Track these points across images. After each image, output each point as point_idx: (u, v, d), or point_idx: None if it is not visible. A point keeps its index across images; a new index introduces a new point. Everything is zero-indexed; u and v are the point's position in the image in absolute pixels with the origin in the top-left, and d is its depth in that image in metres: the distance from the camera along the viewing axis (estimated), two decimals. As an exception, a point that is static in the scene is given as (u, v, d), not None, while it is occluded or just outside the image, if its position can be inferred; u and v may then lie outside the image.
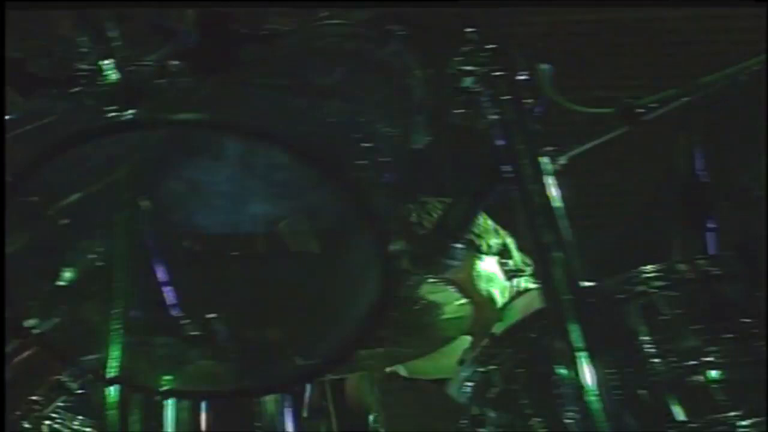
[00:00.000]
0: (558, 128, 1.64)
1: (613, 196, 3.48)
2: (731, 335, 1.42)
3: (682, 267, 1.50)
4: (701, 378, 1.38)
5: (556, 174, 1.57)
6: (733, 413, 1.35)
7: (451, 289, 1.80)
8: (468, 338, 2.26)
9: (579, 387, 1.19)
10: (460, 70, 1.44)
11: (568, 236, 1.29)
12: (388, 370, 2.50)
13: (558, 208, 1.31)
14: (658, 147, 1.69)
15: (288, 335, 1.10)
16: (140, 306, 1.12)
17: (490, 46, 1.44)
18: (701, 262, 1.50)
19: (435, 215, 2.17)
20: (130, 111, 1.13)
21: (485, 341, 1.61)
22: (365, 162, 1.28)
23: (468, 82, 1.44)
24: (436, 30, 1.59)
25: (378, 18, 1.63)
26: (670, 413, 1.40)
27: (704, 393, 1.38)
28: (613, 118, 1.57)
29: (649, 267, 1.48)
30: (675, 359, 1.41)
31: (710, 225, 1.62)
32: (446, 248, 1.71)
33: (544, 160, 1.37)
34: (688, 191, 1.61)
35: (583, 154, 1.63)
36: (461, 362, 1.70)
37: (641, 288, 1.46)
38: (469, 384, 1.64)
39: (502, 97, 1.41)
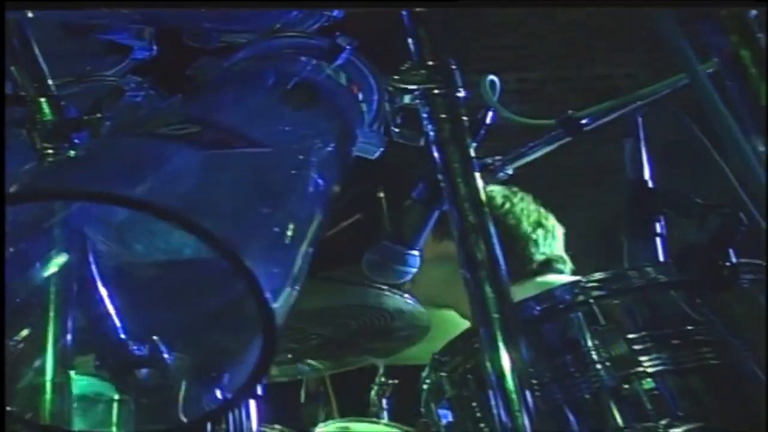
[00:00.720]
0: (504, 140, 1.67)
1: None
2: (675, 342, 1.46)
3: (626, 275, 1.55)
4: (638, 385, 1.42)
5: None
6: (666, 420, 1.38)
7: (407, 297, 1.84)
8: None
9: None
10: (399, 87, 1.47)
11: (498, 255, 1.32)
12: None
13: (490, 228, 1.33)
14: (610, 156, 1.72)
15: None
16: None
17: (430, 62, 1.47)
18: (648, 269, 1.54)
19: None
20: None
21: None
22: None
23: (407, 99, 1.47)
24: (381, 44, 1.62)
25: (328, 30, 1.66)
26: (612, 419, 1.44)
27: (643, 400, 1.42)
28: (556, 129, 1.61)
29: (592, 276, 1.52)
30: (613, 367, 1.44)
31: (659, 232, 1.64)
32: (400, 256, 1.75)
33: (479, 180, 1.38)
34: (636, 198, 1.64)
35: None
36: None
37: (581, 298, 1.49)
38: (425, 386, 1.70)
39: (441, 115, 1.43)
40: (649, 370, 1.42)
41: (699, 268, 1.47)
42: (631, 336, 1.45)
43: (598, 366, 1.45)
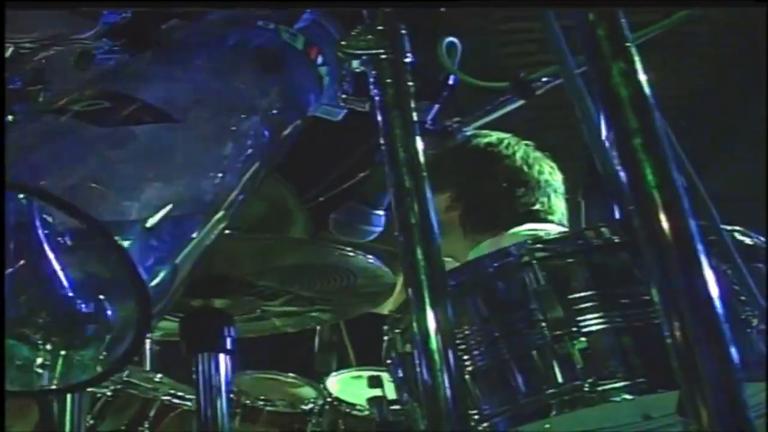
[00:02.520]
0: (461, 101, 1.69)
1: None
2: (624, 301, 1.48)
3: (575, 235, 1.57)
4: (571, 345, 1.45)
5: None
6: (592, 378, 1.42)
7: (369, 257, 1.88)
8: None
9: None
10: (349, 52, 1.50)
11: (432, 220, 1.35)
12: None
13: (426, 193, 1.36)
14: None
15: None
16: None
17: (379, 27, 1.49)
18: (603, 230, 1.56)
19: None
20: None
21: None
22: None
23: (355, 64, 1.50)
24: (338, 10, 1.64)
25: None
26: (551, 377, 1.48)
27: (575, 359, 1.45)
28: (508, 92, 1.62)
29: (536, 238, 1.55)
30: (549, 327, 1.47)
31: (612, 191, 1.65)
32: (366, 215, 1.79)
33: (419, 143, 1.40)
34: (590, 158, 1.65)
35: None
36: None
37: (525, 258, 1.52)
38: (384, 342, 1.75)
39: (387, 80, 1.46)
40: (584, 330, 1.45)
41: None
42: (570, 296, 1.47)
43: (541, 325, 1.48)
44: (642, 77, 1.05)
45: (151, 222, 0.99)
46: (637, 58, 1.05)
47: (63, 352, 1.20)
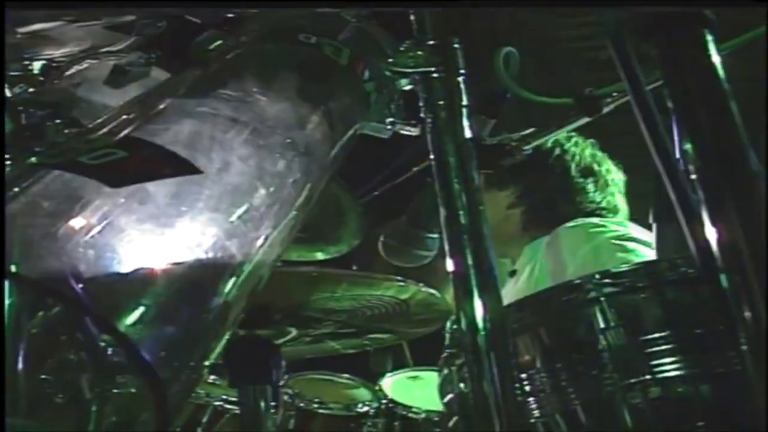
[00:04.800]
0: (520, 118, 1.56)
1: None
2: (703, 344, 1.35)
3: (646, 268, 1.43)
4: (646, 393, 1.32)
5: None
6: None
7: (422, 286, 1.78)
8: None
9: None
10: (397, 70, 1.37)
11: (492, 260, 1.23)
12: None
13: (483, 230, 1.24)
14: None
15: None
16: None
17: (430, 42, 1.36)
18: (678, 261, 1.42)
19: None
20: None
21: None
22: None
23: (404, 82, 1.37)
24: (386, 22, 1.52)
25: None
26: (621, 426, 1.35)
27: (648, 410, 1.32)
28: (573, 109, 1.49)
29: (605, 271, 1.42)
30: (625, 372, 1.34)
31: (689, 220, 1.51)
32: (419, 239, 1.67)
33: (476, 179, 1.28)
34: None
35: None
36: None
37: (593, 294, 1.39)
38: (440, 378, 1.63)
39: (438, 101, 1.33)
40: (660, 376, 1.31)
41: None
42: (643, 338, 1.34)
43: (610, 369, 1.35)
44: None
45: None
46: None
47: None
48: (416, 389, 3.41)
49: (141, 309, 0.93)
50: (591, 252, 2.47)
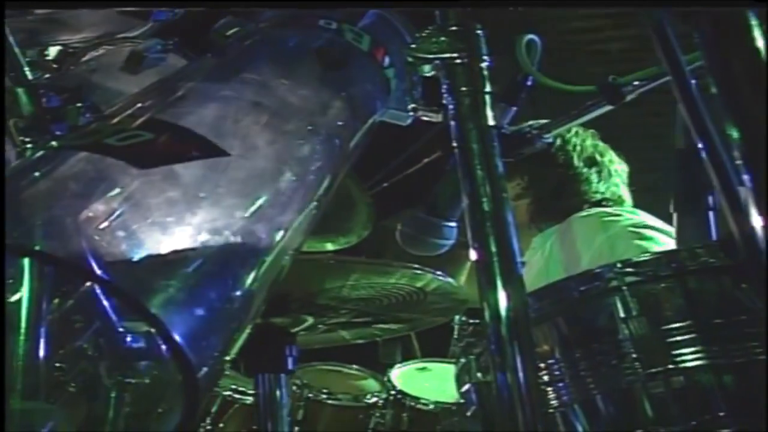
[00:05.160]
0: (541, 106, 1.55)
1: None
2: (716, 334, 1.33)
3: (667, 257, 1.42)
4: (668, 383, 1.31)
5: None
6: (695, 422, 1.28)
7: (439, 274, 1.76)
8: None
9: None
10: (419, 56, 1.36)
11: (514, 247, 1.21)
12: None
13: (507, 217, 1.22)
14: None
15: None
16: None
17: (453, 27, 1.35)
18: (699, 251, 1.41)
19: None
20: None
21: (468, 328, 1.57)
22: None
23: (426, 68, 1.36)
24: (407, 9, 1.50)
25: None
26: (642, 416, 1.34)
27: (671, 399, 1.31)
28: (596, 97, 1.47)
29: (626, 260, 1.40)
30: (647, 361, 1.33)
31: (711, 206, 1.50)
32: (436, 227, 1.66)
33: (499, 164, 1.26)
34: (687, 169, 1.50)
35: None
36: None
37: (614, 283, 1.38)
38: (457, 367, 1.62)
39: (461, 88, 1.32)
40: (682, 366, 1.30)
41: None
42: (664, 327, 1.33)
43: (632, 358, 1.34)
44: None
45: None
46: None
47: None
48: (425, 380, 3.40)
49: (165, 294, 0.92)
50: (607, 242, 2.46)
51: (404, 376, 3.42)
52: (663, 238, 2.40)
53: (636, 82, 1.44)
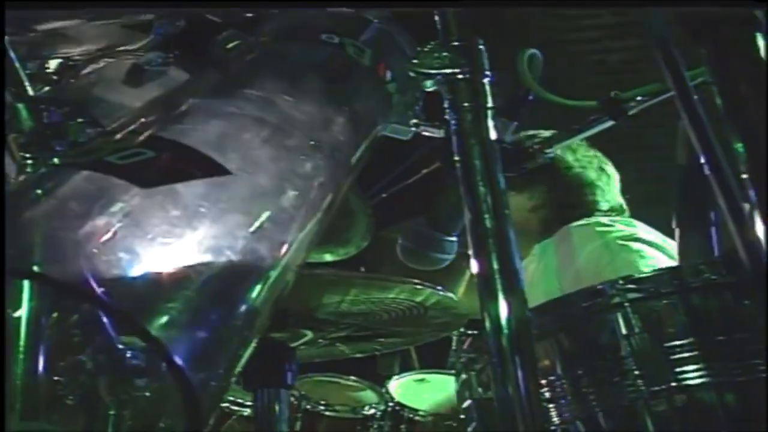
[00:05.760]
0: (543, 120, 1.55)
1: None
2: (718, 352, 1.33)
3: (669, 274, 1.42)
4: (671, 401, 1.31)
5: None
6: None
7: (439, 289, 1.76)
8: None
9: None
10: (421, 71, 1.35)
11: (516, 263, 1.20)
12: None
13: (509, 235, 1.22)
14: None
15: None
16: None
17: (454, 42, 1.35)
18: (702, 267, 1.40)
19: None
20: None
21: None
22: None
23: (428, 83, 1.35)
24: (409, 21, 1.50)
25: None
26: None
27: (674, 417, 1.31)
28: (597, 112, 1.47)
29: (628, 276, 1.40)
30: (649, 379, 1.33)
31: (713, 222, 1.49)
32: (437, 242, 1.66)
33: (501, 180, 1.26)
34: (689, 185, 1.49)
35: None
36: None
37: (616, 299, 1.37)
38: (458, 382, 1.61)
39: (463, 103, 1.31)
40: (685, 383, 1.29)
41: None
42: (667, 344, 1.32)
43: (634, 376, 1.34)
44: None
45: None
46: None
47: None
48: (423, 392, 3.39)
49: (167, 314, 0.92)
50: (597, 250, 2.47)
51: (402, 387, 3.41)
52: (651, 252, 2.40)
53: (638, 98, 1.45)
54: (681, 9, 0.83)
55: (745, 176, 0.90)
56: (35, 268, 0.88)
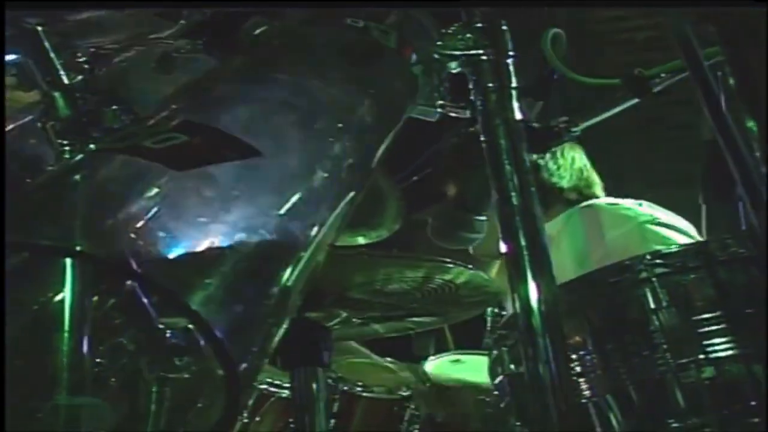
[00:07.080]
0: (569, 99, 1.56)
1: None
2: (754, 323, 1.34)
3: (696, 249, 1.43)
4: (699, 373, 1.32)
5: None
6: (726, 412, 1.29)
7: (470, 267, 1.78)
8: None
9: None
10: (446, 53, 1.38)
11: (544, 240, 1.23)
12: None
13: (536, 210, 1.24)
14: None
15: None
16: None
17: (478, 24, 1.36)
18: (729, 241, 1.42)
19: None
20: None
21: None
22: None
23: (453, 65, 1.38)
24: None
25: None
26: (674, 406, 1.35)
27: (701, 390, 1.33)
28: (622, 90, 1.48)
29: (655, 251, 1.42)
30: (678, 352, 1.35)
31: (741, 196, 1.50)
32: (466, 221, 1.67)
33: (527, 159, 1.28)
34: (716, 160, 1.50)
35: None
36: None
37: (644, 274, 1.39)
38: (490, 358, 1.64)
39: (488, 84, 1.33)
40: (713, 356, 1.31)
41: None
42: (695, 318, 1.34)
43: (663, 350, 1.35)
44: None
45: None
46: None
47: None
48: (458, 372, 3.41)
49: (204, 292, 0.95)
50: (621, 237, 2.48)
51: (438, 368, 3.44)
52: (670, 234, 2.41)
53: (662, 75, 1.45)
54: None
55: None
56: (78, 248, 0.92)
